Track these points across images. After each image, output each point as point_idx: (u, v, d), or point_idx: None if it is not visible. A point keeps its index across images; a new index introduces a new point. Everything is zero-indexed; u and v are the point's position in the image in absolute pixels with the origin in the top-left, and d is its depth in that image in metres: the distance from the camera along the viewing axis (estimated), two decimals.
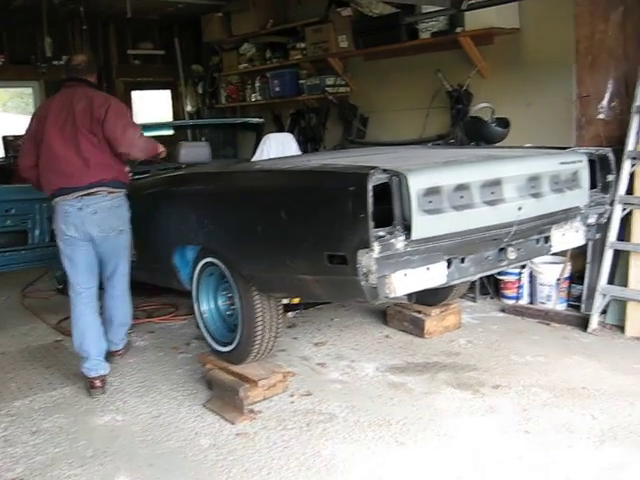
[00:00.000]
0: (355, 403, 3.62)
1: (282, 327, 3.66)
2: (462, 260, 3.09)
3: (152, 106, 9.46)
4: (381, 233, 2.73)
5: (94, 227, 3.81)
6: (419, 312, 4.61)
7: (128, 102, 8.79)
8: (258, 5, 7.30)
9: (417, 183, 2.76)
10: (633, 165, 4.58)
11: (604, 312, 4.71)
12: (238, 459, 3.11)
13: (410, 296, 3.30)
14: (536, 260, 5.06)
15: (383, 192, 2.78)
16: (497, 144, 4.62)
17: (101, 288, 4.13)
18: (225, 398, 3.61)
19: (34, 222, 5.23)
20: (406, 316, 4.67)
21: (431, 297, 4.54)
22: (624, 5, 4.82)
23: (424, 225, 2.81)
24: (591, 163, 3.71)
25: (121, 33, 8.65)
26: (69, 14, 7.44)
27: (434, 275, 2.98)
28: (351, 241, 2.67)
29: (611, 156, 3.72)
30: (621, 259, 4.68)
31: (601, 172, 3.76)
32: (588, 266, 4.86)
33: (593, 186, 3.74)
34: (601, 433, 3.19)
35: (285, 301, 4.03)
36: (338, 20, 6.38)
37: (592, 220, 3.73)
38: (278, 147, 5.05)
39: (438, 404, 3.58)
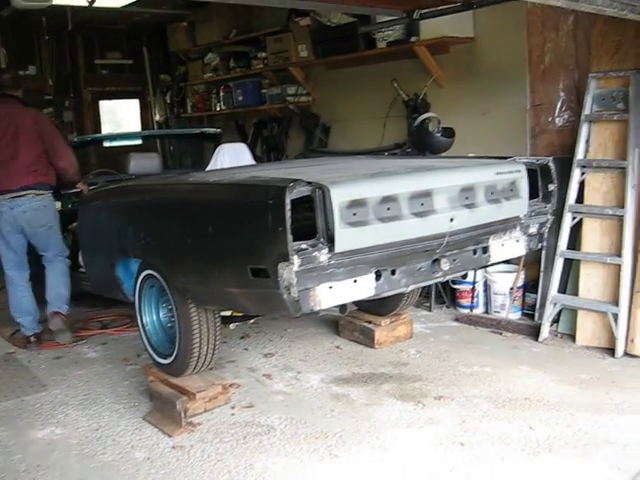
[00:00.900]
0: (295, 415, 3.60)
1: (219, 339, 3.62)
2: (393, 272, 3.08)
3: (121, 116, 9.42)
4: (303, 246, 2.72)
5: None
6: (369, 322, 4.60)
7: (96, 112, 8.77)
8: (221, 15, 7.29)
9: (340, 195, 2.75)
10: (583, 174, 4.58)
11: (557, 321, 4.72)
12: (169, 473, 3.08)
13: (342, 307, 3.27)
14: (490, 269, 5.08)
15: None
16: (442, 154, 4.62)
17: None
18: (164, 411, 3.58)
19: None
20: (357, 326, 4.66)
21: (381, 307, 4.54)
22: (575, 14, 4.84)
23: (348, 237, 2.79)
24: (533, 172, 3.72)
25: (89, 43, 8.63)
26: (33, 24, 7.41)
27: (362, 287, 2.96)
28: (271, 254, 2.65)
29: (552, 165, 3.72)
30: (573, 268, 4.69)
31: (543, 181, 3.76)
32: (542, 275, 4.87)
33: (535, 195, 3.75)
34: (537, 445, 3.18)
35: (227, 313, 4.03)
36: (297, 30, 6.39)
37: (533, 230, 3.73)
38: (232, 157, 5.04)
39: (378, 415, 3.56)
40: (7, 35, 7.12)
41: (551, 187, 3.74)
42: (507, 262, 5.12)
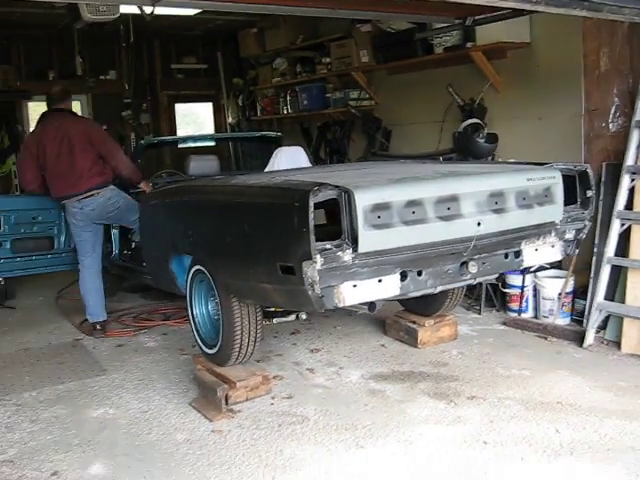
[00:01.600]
0: (330, 407, 3.77)
1: (261, 332, 3.84)
2: (419, 273, 3.21)
3: (194, 118, 9.85)
4: (327, 246, 2.89)
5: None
6: (414, 322, 4.71)
7: (172, 114, 9.22)
8: (289, 21, 7.55)
9: (364, 199, 2.91)
10: (632, 180, 4.55)
11: (604, 328, 4.69)
12: (205, 454, 3.32)
13: (370, 306, 3.41)
14: (540, 274, 5.09)
15: None
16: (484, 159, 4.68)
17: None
18: (208, 397, 3.83)
19: (59, 229, 5.65)
20: (402, 326, 4.78)
21: (425, 308, 4.65)
22: None
23: (372, 239, 2.95)
24: (572, 179, 3.76)
25: (165, 48, 9.08)
26: (113, 32, 7.90)
27: (387, 287, 3.11)
28: (297, 253, 2.84)
29: (590, 172, 3.75)
30: (622, 275, 4.65)
31: (581, 188, 3.78)
32: (591, 281, 4.84)
33: (573, 201, 3.78)
34: (560, 447, 3.23)
35: (271, 308, 4.25)
36: (359, 36, 6.56)
37: (570, 235, 3.76)
38: (288, 159, 5.25)
39: (409, 412, 3.68)
40: (89, 42, 7.63)
41: (589, 193, 3.76)
42: (557, 267, 5.13)
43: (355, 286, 3.01)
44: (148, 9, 4.03)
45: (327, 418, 3.64)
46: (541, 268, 5.19)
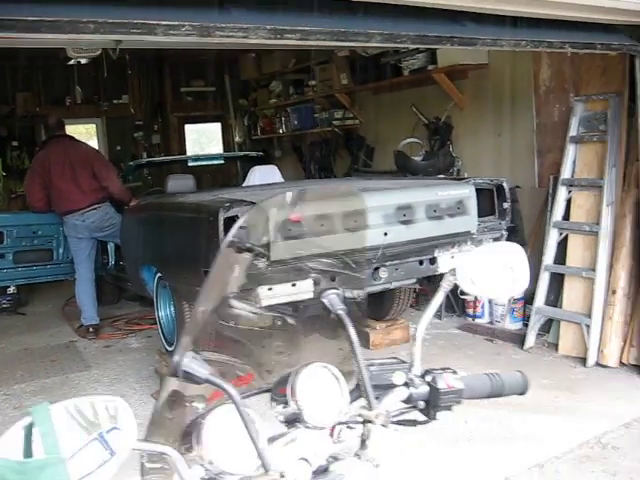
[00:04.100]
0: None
1: None
2: (332, 278, 3.62)
3: (203, 138, 10.43)
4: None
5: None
6: (367, 326, 5.10)
7: (182, 134, 9.82)
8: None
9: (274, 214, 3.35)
10: (569, 192, 4.85)
11: (548, 331, 4.99)
12: None
13: (300, 311, 3.83)
14: None
15: None
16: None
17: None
18: None
19: (58, 242, 6.27)
20: (358, 330, 5.16)
21: (376, 313, 5.05)
22: None
23: (283, 248, 3.37)
24: (490, 192, 4.12)
25: (175, 72, 9.68)
26: (124, 59, 8.53)
27: (300, 290, 3.51)
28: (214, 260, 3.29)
29: (505, 186, 4.11)
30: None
31: (498, 200, 4.14)
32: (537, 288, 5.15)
33: (492, 213, 4.14)
34: (461, 435, 3.58)
35: None
36: (338, 60, 7.02)
37: None
38: (262, 177, 5.72)
39: None
40: (102, 69, 8.28)
41: (505, 205, 4.11)
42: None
43: (270, 289, 3.44)
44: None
45: None
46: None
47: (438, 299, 1.32)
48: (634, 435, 3.57)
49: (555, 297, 4.97)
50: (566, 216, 4.86)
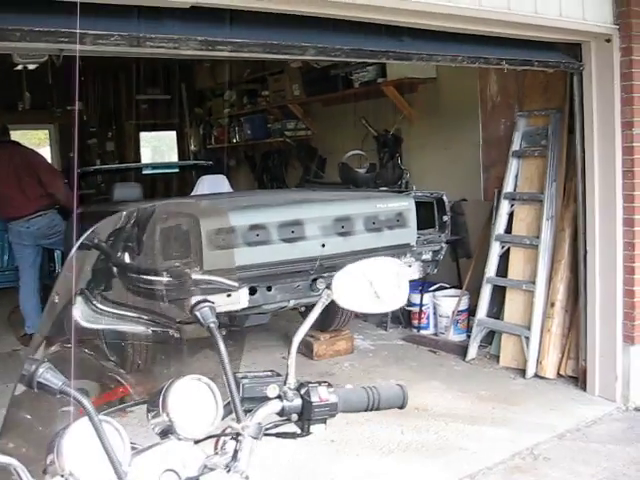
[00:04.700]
0: None
1: None
2: (269, 288, 3.61)
3: (158, 146, 10.35)
4: (176, 264, 3.30)
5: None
6: (311, 337, 5.09)
7: (137, 142, 9.72)
8: None
9: (207, 224, 3.33)
10: (512, 205, 4.92)
11: (491, 343, 5.05)
12: None
13: (237, 321, 3.82)
14: (437, 293, 5.47)
15: None
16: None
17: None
18: None
19: (2, 249, 6.15)
20: (303, 340, 5.15)
21: (320, 324, 5.03)
22: None
23: (215, 258, 3.36)
24: (430, 205, 4.16)
25: (130, 80, 9.57)
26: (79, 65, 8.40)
27: (235, 300, 3.51)
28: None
29: (445, 199, 4.15)
30: None
31: (438, 213, 4.18)
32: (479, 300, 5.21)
33: (432, 225, 4.18)
34: (396, 446, 3.61)
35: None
36: (291, 71, 7.03)
37: (427, 256, 4.15)
38: (210, 187, 5.71)
39: None
40: (57, 76, 8.16)
41: (445, 218, 4.15)
42: (457, 287, 5.53)
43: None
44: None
45: None
46: (441, 288, 5.59)
47: (315, 313, 1.32)
48: (566, 446, 3.62)
49: (498, 309, 5.03)
50: (508, 229, 4.93)
